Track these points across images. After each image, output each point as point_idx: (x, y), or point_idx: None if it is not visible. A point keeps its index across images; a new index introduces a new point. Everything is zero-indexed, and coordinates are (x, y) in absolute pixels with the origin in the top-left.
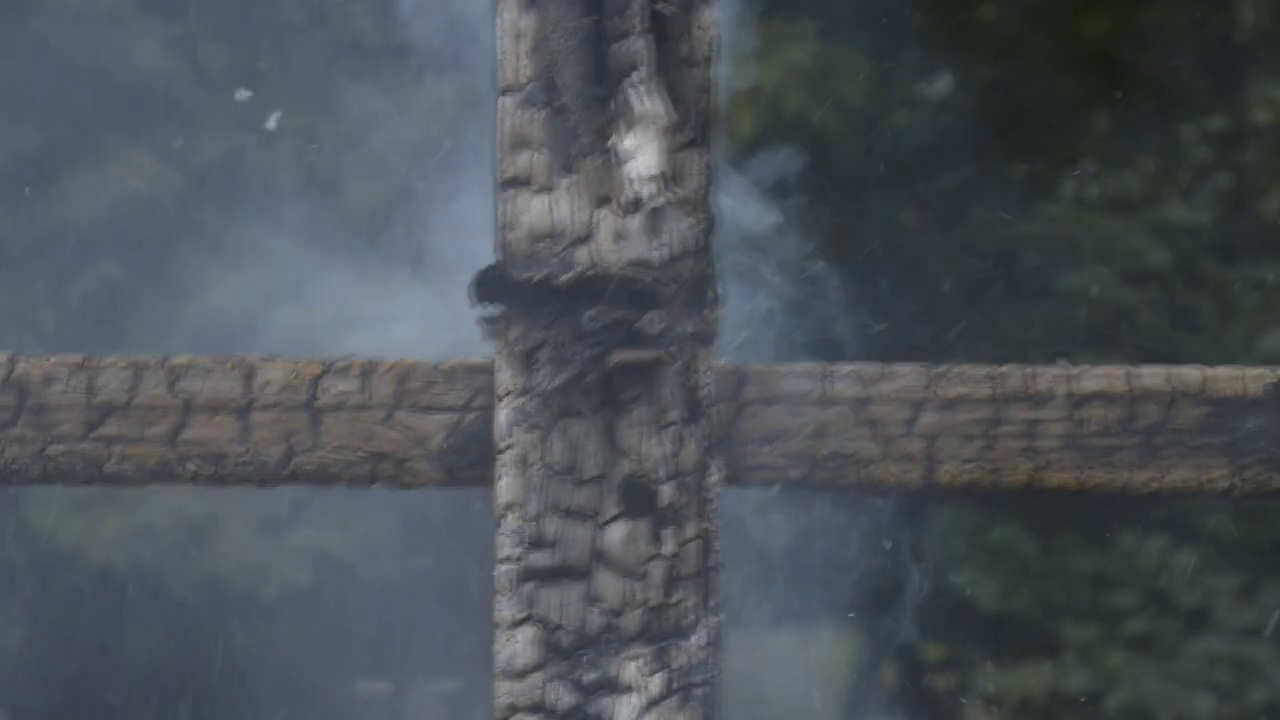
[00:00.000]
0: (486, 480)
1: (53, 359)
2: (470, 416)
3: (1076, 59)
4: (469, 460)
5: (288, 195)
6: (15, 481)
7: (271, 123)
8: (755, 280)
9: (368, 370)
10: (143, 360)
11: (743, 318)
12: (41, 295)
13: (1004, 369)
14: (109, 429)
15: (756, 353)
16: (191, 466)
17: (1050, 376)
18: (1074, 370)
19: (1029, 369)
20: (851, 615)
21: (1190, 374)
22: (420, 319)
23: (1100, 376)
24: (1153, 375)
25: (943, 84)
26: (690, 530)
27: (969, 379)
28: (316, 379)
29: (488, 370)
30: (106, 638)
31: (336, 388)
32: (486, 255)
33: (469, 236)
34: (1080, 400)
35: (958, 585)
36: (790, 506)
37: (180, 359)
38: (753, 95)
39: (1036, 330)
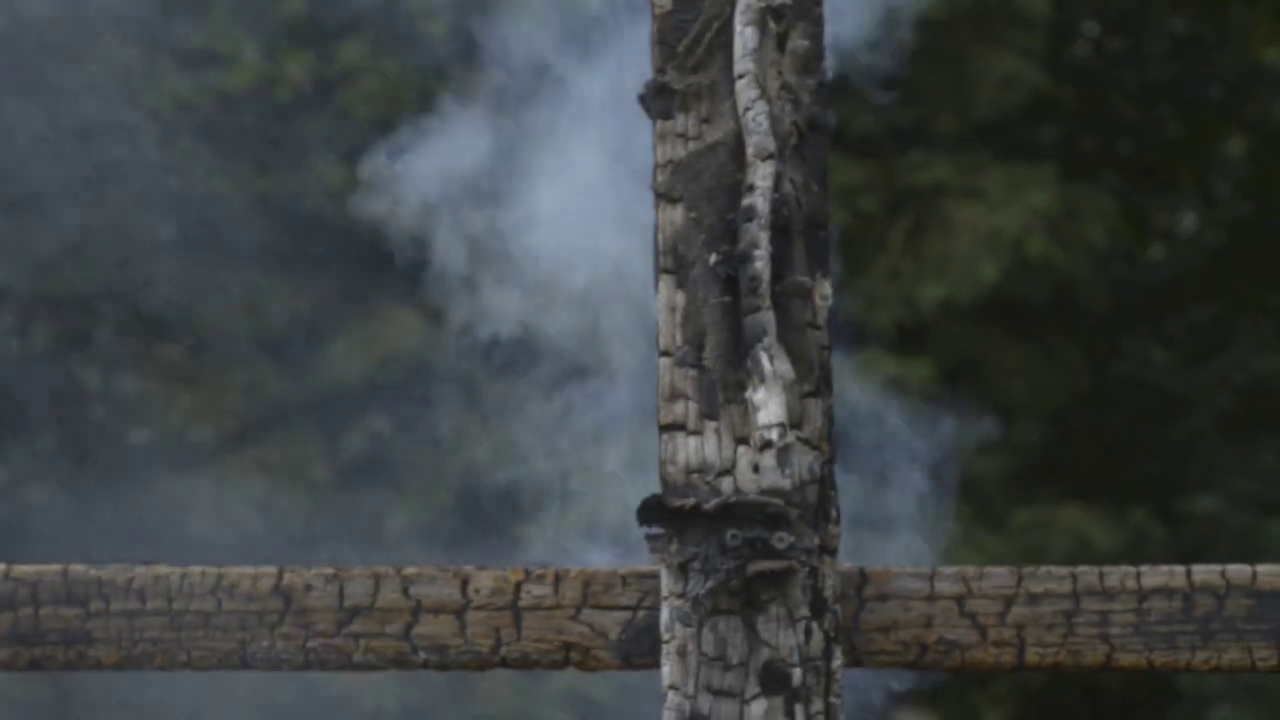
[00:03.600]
0: (655, 665)
1: (312, 570)
2: (641, 614)
3: None
4: (641, 649)
5: (546, 349)
6: (282, 668)
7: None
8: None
9: (560, 576)
10: (382, 570)
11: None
12: (315, 451)
13: (1080, 569)
14: (356, 626)
15: (1021, 488)
16: (422, 655)
17: (1120, 574)
18: (1141, 568)
19: (1102, 568)
20: None
21: (1240, 570)
22: None
23: (1162, 573)
24: (1207, 571)
25: (1190, 220)
26: (817, 705)
27: (1052, 576)
28: (519, 584)
29: (654, 576)
30: None
31: (535, 591)
32: None
33: None
34: (1145, 594)
35: None
36: None
37: (411, 570)
38: (994, 240)
39: None
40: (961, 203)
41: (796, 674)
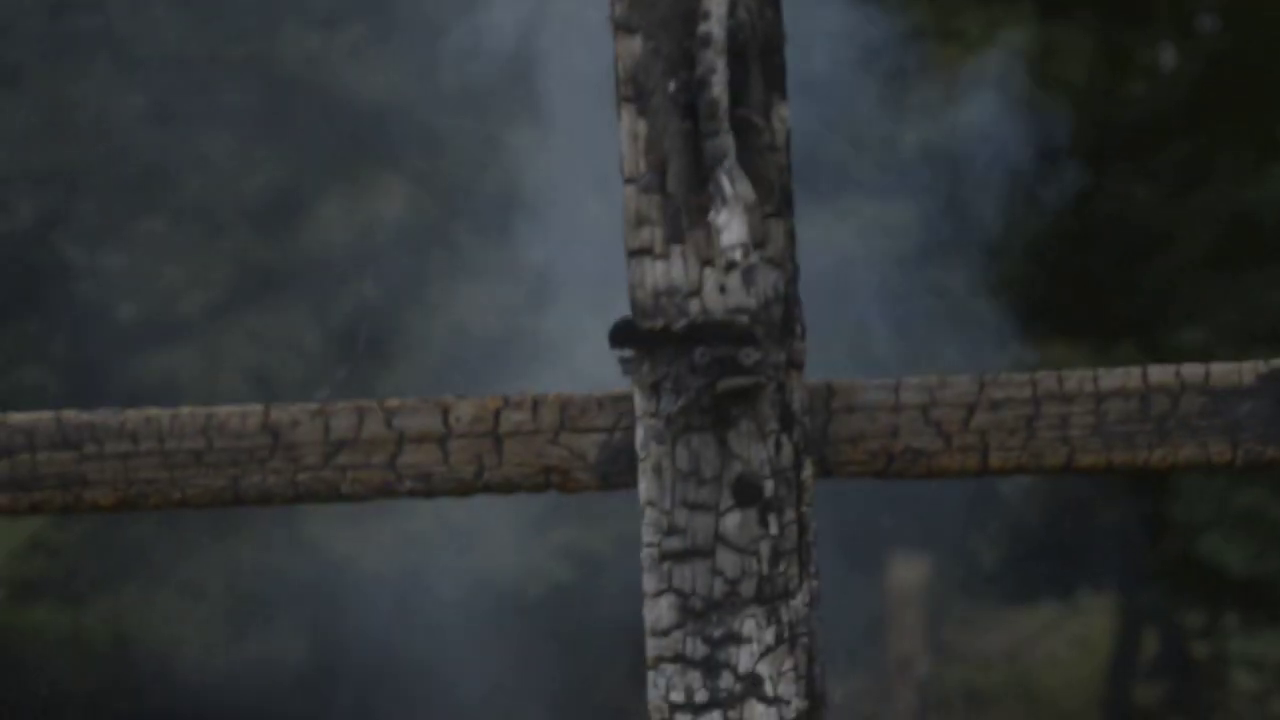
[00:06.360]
0: (632, 484)
1: (297, 406)
2: (617, 435)
3: None
4: (618, 469)
5: (531, 213)
6: (274, 502)
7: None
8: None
9: (537, 402)
10: (365, 404)
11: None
12: (304, 318)
13: (1040, 374)
14: (343, 458)
15: (1002, 324)
16: (407, 484)
17: (1078, 378)
18: (1098, 371)
19: (1061, 373)
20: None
21: (1194, 368)
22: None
23: (1119, 375)
24: (1163, 371)
25: (1169, 55)
26: (789, 515)
27: (1012, 383)
28: (498, 411)
29: (628, 398)
30: (383, 640)
31: (514, 417)
32: None
33: None
34: (1103, 396)
35: (1207, 552)
36: (1041, 483)
37: (393, 402)
38: (975, 80)
39: (1277, 295)
40: (939, 44)
41: (769, 486)
